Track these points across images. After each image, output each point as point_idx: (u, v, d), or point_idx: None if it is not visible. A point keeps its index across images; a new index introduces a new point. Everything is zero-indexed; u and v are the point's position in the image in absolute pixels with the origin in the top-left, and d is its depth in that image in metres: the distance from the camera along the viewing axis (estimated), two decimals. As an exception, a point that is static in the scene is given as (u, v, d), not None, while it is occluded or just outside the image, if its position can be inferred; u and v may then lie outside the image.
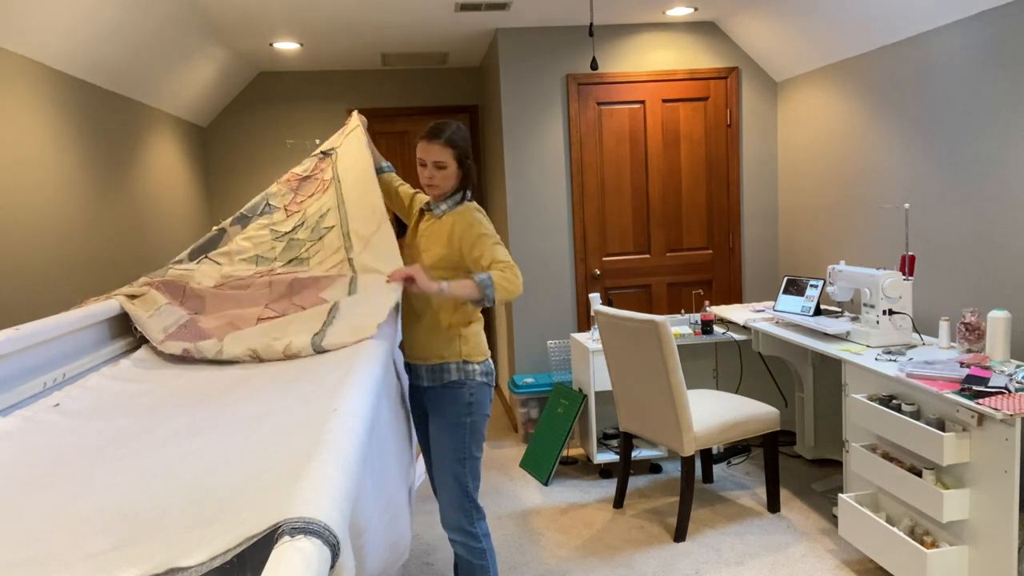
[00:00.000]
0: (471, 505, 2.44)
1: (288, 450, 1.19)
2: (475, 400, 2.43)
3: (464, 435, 2.42)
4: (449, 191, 2.45)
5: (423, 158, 2.40)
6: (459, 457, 2.42)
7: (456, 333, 2.43)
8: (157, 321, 2.12)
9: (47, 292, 3.07)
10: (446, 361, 2.43)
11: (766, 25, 4.38)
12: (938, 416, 2.55)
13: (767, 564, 3.05)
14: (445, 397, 2.44)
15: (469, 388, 2.43)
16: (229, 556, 0.85)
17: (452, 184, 2.43)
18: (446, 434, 2.42)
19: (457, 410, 2.42)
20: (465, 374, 2.43)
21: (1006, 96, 3.06)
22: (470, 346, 2.45)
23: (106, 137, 3.73)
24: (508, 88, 4.62)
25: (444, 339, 2.43)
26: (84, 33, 3.20)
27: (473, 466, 2.44)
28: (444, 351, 2.43)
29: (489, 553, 2.47)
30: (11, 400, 1.52)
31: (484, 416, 2.47)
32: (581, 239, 4.76)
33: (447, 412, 2.43)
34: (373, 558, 1.34)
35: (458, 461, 2.42)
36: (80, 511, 1.05)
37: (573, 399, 4.09)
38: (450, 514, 2.45)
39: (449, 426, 2.42)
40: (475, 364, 2.45)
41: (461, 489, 2.43)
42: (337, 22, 4.22)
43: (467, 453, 2.42)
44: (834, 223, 4.34)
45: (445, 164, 2.39)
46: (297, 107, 5.59)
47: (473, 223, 2.39)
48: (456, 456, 2.42)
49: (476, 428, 2.44)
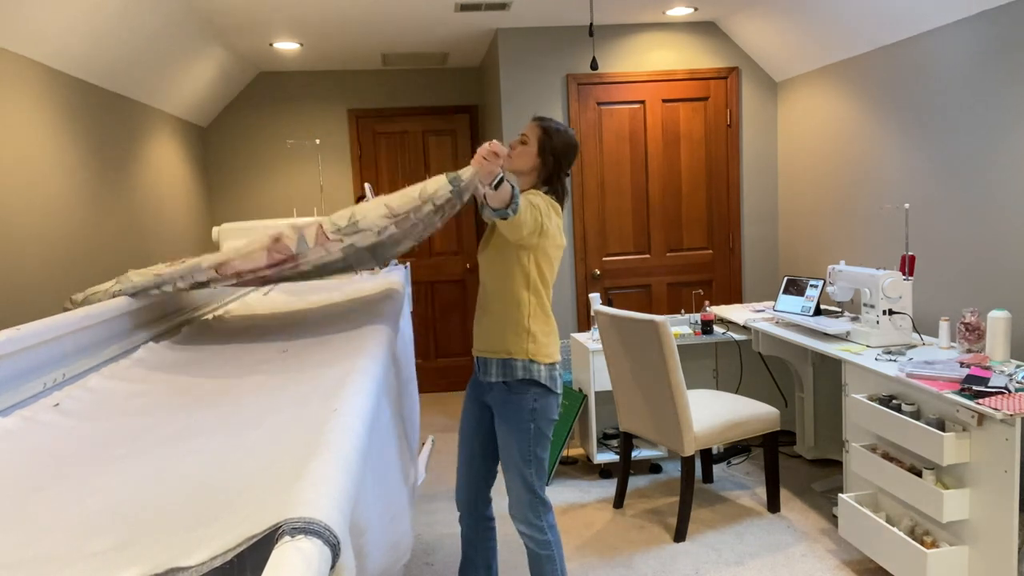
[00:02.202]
0: (538, 500, 2.46)
1: (288, 450, 1.19)
2: (539, 407, 2.43)
3: (528, 439, 2.42)
4: (524, 170, 2.42)
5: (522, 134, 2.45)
6: (525, 459, 2.43)
7: (525, 328, 2.41)
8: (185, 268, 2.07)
9: (47, 292, 3.07)
10: (513, 357, 2.41)
11: (766, 25, 4.38)
12: (938, 416, 2.55)
13: (767, 564, 3.05)
14: (510, 401, 2.43)
15: (533, 395, 2.42)
16: (229, 556, 0.85)
17: (527, 164, 2.41)
18: (512, 438, 2.43)
19: (522, 415, 2.42)
20: (530, 372, 2.41)
21: (1006, 96, 3.06)
22: (538, 345, 2.42)
23: (106, 137, 3.73)
24: (508, 88, 4.62)
25: (514, 334, 2.41)
26: (84, 33, 3.20)
27: (539, 466, 2.46)
28: (513, 346, 2.41)
29: (555, 544, 2.50)
30: (11, 400, 1.52)
31: (549, 421, 2.46)
32: (581, 239, 4.76)
33: (512, 418, 2.43)
34: (374, 558, 1.34)
35: (525, 462, 2.43)
36: (80, 511, 1.05)
37: (573, 399, 4.09)
38: (516, 509, 2.48)
39: (514, 431, 2.43)
40: (541, 365, 2.42)
41: (527, 487, 2.45)
42: (337, 22, 4.22)
43: (532, 455, 2.43)
44: (834, 223, 4.34)
45: (527, 139, 2.41)
46: (297, 107, 5.59)
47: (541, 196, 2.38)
48: (522, 457, 2.43)
49: (540, 431, 2.44)
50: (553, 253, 2.45)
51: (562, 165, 2.46)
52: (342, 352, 1.92)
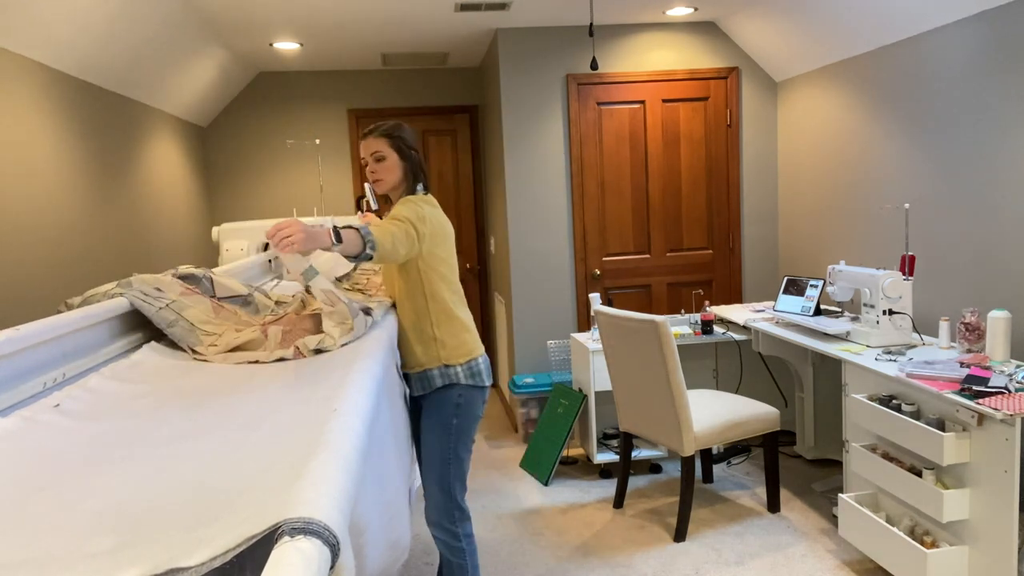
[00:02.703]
0: (453, 506, 2.44)
1: (288, 450, 1.19)
2: (463, 402, 2.42)
3: (450, 436, 2.41)
4: (396, 184, 2.42)
5: (363, 156, 2.41)
6: (444, 458, 2.42)
7: (431, 337, 2.41)
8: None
9: (47, 292, 3.07)
10: (426, 368, 2.42)
11: (766, 25, 4.38)
12: (938, 416, 2.55)
13: (767, 564, 3.05)
14: (434, 401, 2.44)
15: (456, 391, 2.42)
16: (229, 556, 0.85)
17: (397, 175, 2.40)
18: (433, 435, 2.42)
19: (445, 411, 2.42)
20: (448, 378, 2.41)
21: (1006, 96, 3.06)
22: (448, 349, 2.42)
23: (106, 137, 3.73)
24: (508, 88, 4.62)
25: (422, 346, 2.42)
26: (84, 33, 3.20)
27: (459, 468, 2.44)
28: (424, 358, 2.42)
29: (468, 554, 2.48)
30: (11, 400, 1.52)
31: (474, 418, 2.45)
32: (581, 239, 4.76)
33: (435, 414, 2.43)
34: (373, 558, 1.34)
35: (443, 462, 2.42)
36: (80, 512, 1.05)
37: (573, 399, 4.09)
38: (432, 512, 2.47)
39: (436, 427, 2.42)
40: (457, 367, 2.42)
41: (445, 490, 2.43)
42: (337, 22, 4.22)
43: (452, 455, 2.42)
44: (834, 223, 4.34)
45: (383, 154, 2.38)
46: (297, 107, 5.59)
47: (406, 201, 2.34)
48: (441, 457, 2.42)
49: (463, 430, 2.43)
50: (441, 245, 2.40)
51: (419, 152, 2.46)
52: (342, 352, 1.92)
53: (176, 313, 2.12)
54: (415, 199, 2.38)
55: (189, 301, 2.21)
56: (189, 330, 2.09)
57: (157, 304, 2.12)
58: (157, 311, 2.09)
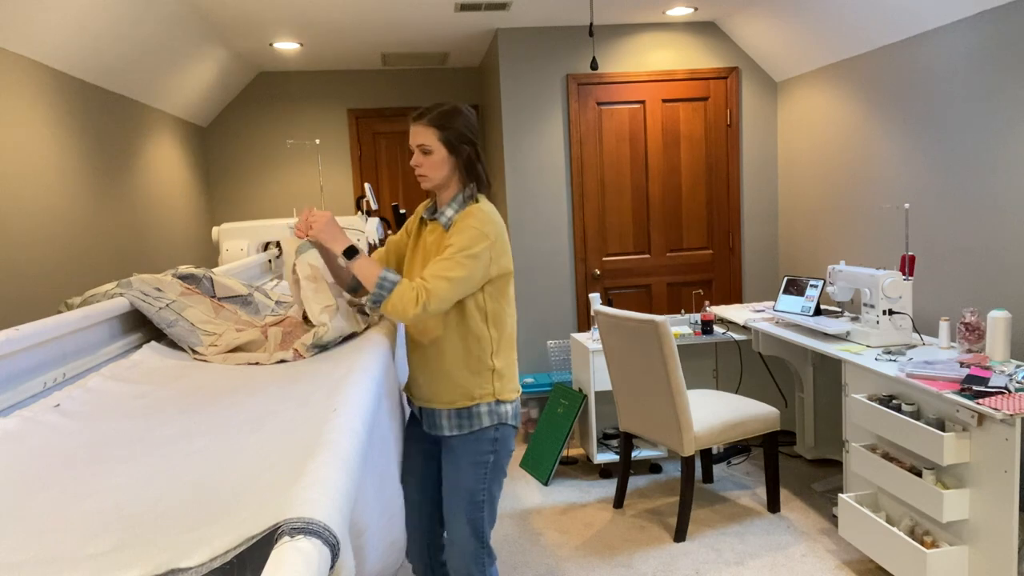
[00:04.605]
0: (484, 551, 2.14)
1: (288, 450, 1.19)
2: (500, 436, 2.12)
3: (485, 475, 2.11)
4: (443, 182, 2.07)
5: (411, 144, 2.07)
6: (477, 500, 2.11)
7: (488, 367, 2.05)
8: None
9: (47, 292, 3.07)
10: (476, 403, 2.06)
11: (766, 25, 4.38)
12: (938, 416, 2.55)
13: (767, 564, 3.05)
14: (468, 439, 2.11)
15: (495, 428, 2.11)
16: (229, 557, 0.85)
17: (444, 173, 2.05)
18: (465, 474, 2.11)
19: (481, 447, 2.11)
20: (497, 417, 2.08)
21: (1006, 96, 3.06)
22: (504, 381, 2.08)
23: (106, 137, 3.73)
24: (508, 88, 4.62)
25: (477, 377, 2.05)
26: (84, 33, 3.20)
27: (492, 508, 2.15)
28: (476, 391, 2.06)
29: None
30: (11, 400, 1.52)
31: (508, 452, 2.16)
32: (581, 239, 4.76)
33: (467, 453, 2.11)
34: (373, 558, 1.34)
35: (475, 505, 2.10)
36: (80, 512, 1.05)
37: (573, 399, 4.09)
38: (458, 561, 2.14)
39: (468, 466, 2.10)
40: (507, 405, 2.10)
41: (476, 534, 2.12)
42: (337, 22, 4.22)
43: (486, 495, 2.12)
44: (834, 223, 4.34)
45: (429, 148, 2.04)
46: (297, 107, 5.59)
47: (464, 229, 1.98)
48: (472, 498, 2.10)
49: (499, 467, 2.14)
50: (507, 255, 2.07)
51: (476, 144, 2.07)
52: (342, 352, 1.92)
53: (176, 313, 2.12)
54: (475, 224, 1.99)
55: (189, 301, 2.21)
56: (189, 330, 2.09)
57: (157, 304, 2.11)
58: (157, 311, 2.09)
